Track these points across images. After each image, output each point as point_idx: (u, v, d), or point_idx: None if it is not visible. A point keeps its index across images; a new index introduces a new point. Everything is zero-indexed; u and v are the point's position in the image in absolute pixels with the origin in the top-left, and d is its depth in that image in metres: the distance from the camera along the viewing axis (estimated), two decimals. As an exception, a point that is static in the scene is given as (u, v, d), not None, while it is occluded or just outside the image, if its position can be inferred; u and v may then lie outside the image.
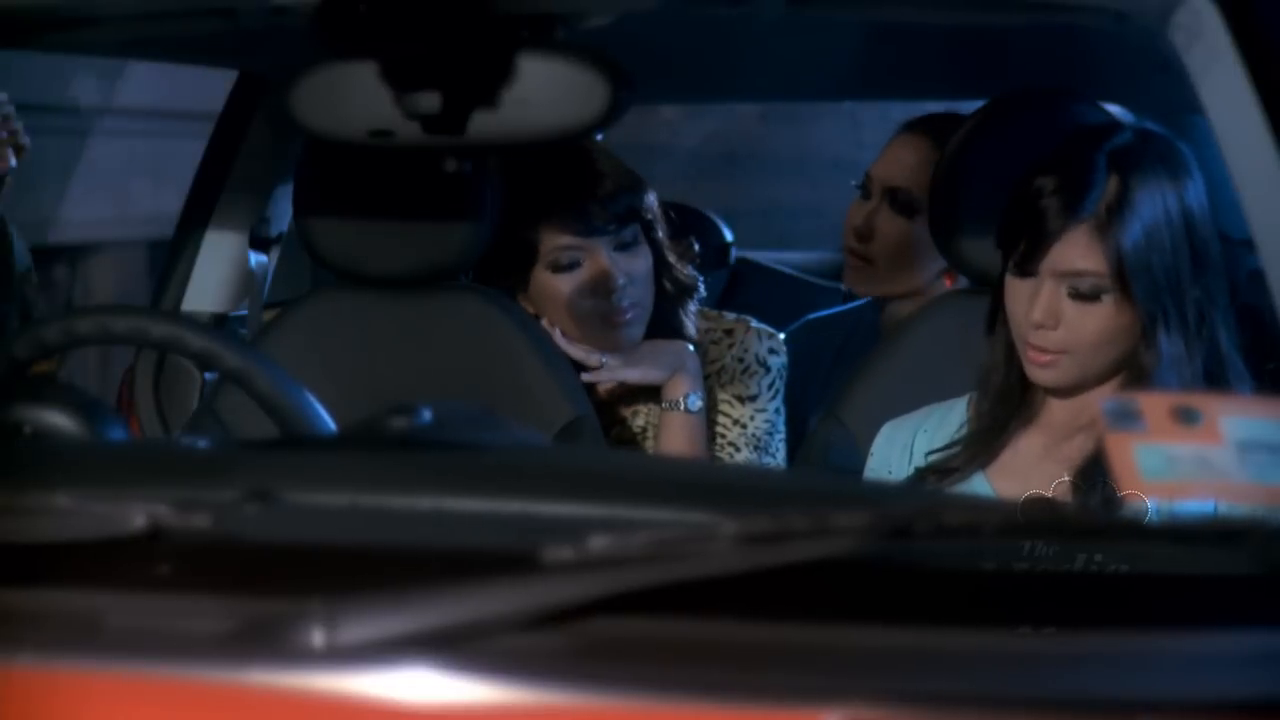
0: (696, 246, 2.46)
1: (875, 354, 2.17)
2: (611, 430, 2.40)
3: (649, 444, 2.38)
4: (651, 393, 2.36)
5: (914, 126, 2.56)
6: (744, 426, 2.38)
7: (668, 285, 2.35)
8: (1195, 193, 1.76)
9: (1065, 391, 1.82)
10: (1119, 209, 1.73)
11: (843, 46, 2.28)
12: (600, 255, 2.27)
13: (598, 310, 2.30)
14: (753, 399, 2.39)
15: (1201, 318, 1.74)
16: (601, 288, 2.27)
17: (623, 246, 2.28)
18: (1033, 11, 1.51)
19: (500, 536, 1.06)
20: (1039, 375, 1.80)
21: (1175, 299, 1.72)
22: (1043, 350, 1.77)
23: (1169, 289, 1.72)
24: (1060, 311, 1.75)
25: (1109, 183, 1.74)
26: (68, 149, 4.24)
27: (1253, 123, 1.31)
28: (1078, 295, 1.75)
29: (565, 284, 2.29)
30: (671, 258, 2.36)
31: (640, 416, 2.40)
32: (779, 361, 2.41)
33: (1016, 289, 1.80)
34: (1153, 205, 1.73)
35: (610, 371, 2.32)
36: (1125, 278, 1.72)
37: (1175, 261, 1.73)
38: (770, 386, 2.39)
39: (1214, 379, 1.73)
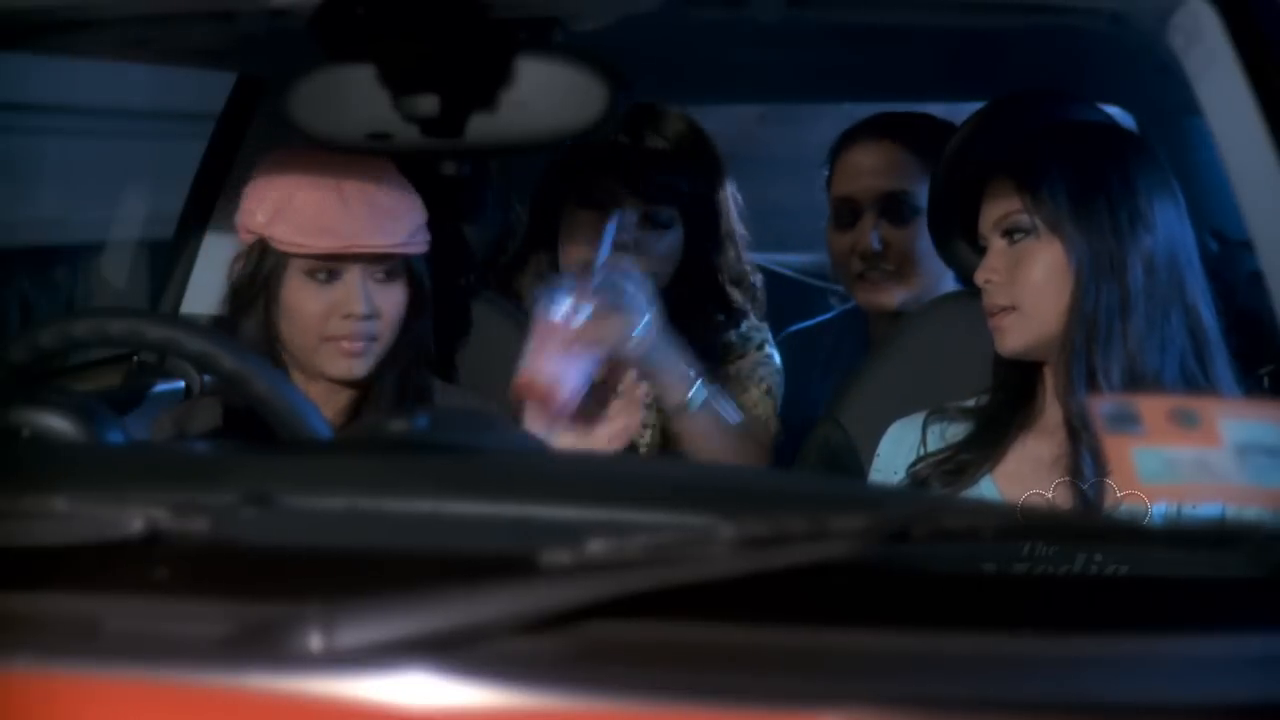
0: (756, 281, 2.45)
1: (873, 356, 2.16)
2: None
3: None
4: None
5: (868, 133, 2.52)
6: None
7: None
8: (1156, 190, 1.78)
9: (1027, 356, 1.85)
10: (1037, 157, 1.81)
11: (842, 48, 2.28)
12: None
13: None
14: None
15: (1153, 301, 1.75)
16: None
17: (648, 219, 2.28)
18: (1031, 14, 1.52)
19: (498, 540, 1.06)
20: (1000, 343, 1.84)
21: (1109, 251, 1.76)
22: (994, 308, 1.83)
23: (1102, 240, 1.76)
24: (1002, 264, 1.82)
25: (1037, 145, 1.83)
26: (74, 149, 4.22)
27: (1251, 124, 1.31)
28: (1010, 238, 1.82)
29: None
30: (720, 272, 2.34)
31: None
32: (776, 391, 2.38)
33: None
34: (1086, 171, 1.79)
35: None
36: (1046, 211, 1.78)
37: (1123, 232, 1.76)
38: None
39: (1196, 371, 1.74)
